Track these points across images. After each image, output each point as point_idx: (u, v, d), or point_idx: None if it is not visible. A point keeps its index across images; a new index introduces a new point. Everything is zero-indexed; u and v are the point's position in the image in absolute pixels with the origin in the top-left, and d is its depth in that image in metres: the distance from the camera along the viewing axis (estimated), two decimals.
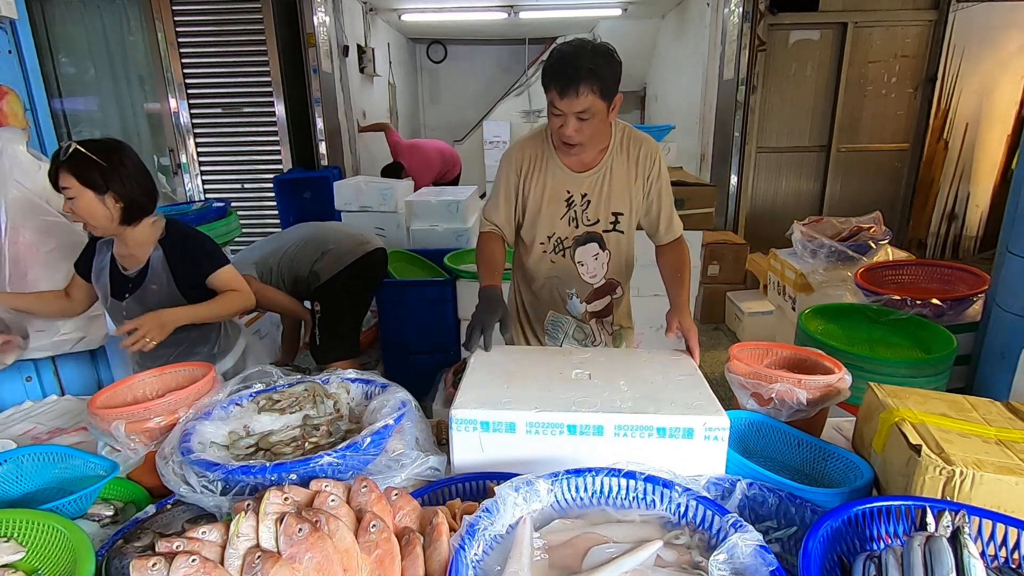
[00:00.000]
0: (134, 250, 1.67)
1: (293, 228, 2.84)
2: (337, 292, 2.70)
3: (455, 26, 7.62)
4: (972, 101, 4.84)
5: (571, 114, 1.41)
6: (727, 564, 0.75)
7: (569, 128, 1.43)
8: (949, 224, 5.19)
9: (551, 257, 1.68)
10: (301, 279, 2.66)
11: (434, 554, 0.82)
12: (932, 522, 0.85)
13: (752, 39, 4.67)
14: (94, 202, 1.53)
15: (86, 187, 1.51)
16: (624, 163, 1.60)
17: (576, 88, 1.37)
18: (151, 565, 0.77)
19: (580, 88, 1.37)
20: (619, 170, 1.60)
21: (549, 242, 1.66)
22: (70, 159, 1.49)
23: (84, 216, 1.54)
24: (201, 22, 4.41)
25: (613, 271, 1.70)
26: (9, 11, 1.82)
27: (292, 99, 4.67)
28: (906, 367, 1.79)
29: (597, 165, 1.59)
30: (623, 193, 1.61)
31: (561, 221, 1.63)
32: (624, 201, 1.62)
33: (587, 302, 1.72)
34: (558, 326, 1.77)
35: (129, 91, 4.62)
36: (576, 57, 1.37)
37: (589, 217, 1.62)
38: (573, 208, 1.62)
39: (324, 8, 4.85)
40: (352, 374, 1.31)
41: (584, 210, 1.62)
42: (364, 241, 2.79)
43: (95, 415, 1.20)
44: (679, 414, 1.04)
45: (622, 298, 1.77)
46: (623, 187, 1.61)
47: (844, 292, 2.69)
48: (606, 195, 1.60)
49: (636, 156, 1.60)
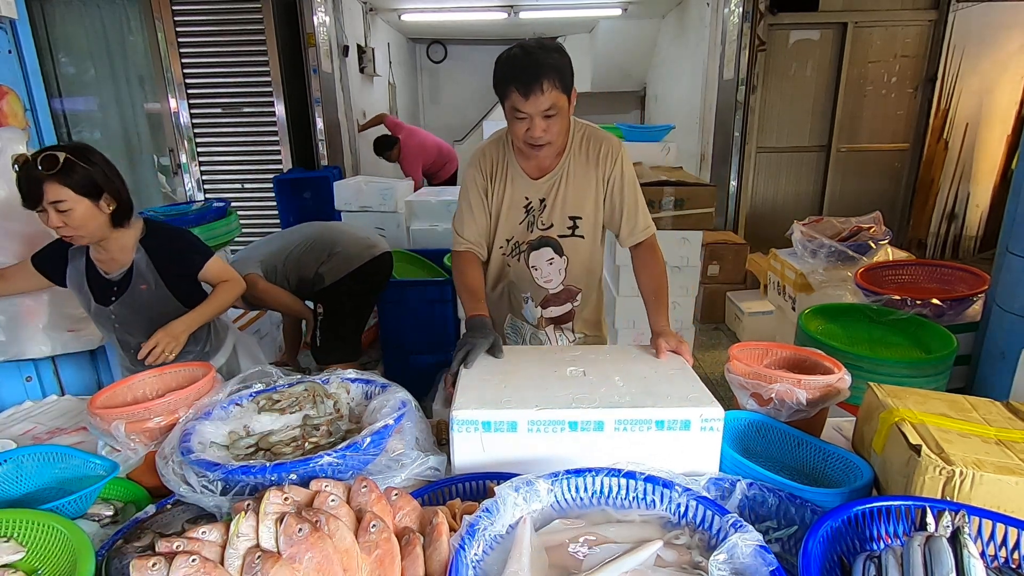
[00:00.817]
0: (116, 254, 1.62)
1: (299, 227, 2.81)
2: (341, 295, 2.69)
3: (455, 26, 7.62)
4: (972, 101, 4.84)
5: (537, 115, 1.37)
6: (727, 564, 0.75)
7: (537, 129, 1.39)
8: (949, 224, 5.19)
9: (507, 260, 1.65)
10: (306, 280, 2.65)
11: (434, 554, 0.82)
12: (932, 522, 0.85)
13: (752, 39, 4.68)
14: (91, 209, 1.46)
15: (82, 195, 1.43)
16: (583, 164, 1.55)
17: (540, 85, 1.33)
18: (151, 565, 0.77)
19: (544, 84, 1.33)
20: (577, 172, 1.55)
21: (508, 245, 1.63)
22: (62, 169, 1.39)
23: (78, 227, 1.44)
24: (201, 22, 4.41)
25: (572, 278, 1.64)
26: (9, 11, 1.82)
27: (292, 99, 4.67)
28: (906, 367, 1.79)
29: (554, 169, 1.55)
30: (581, 196, 1.56)
31: (520, 226, 1.60)
32: (582, 204, 1.57)
33: (542, 307, 1.68)
34: (516, 331, 1.75)
35: (129, 91, 4.62)
36: (530, 55, 1.35)
37: (544, 221, 1.58)
38: (531, 213, 1.59)
39: (324, 8, 4.85)
40: (352, 374, 1.31)
41: (540, 214, 1.58)
42: (371, 244, 2.76)
43: (95, 415, 1.20)
44: (676, 407, 1.06)
45: (586, 305, 1.71)
46: (581, 190, 1.55)
47: (844, 292, 2.69)
48: (562, 199, 1.56)
49: (596, 156, 1.54)
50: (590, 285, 1.69)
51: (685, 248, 3.09)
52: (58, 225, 1.44)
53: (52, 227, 1.46)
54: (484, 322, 1.42)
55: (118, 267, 1.63)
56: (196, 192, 4.77)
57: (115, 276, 1.64)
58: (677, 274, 3.20)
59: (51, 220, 1.43)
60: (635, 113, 8.78)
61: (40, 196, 1.40)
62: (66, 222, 1.43)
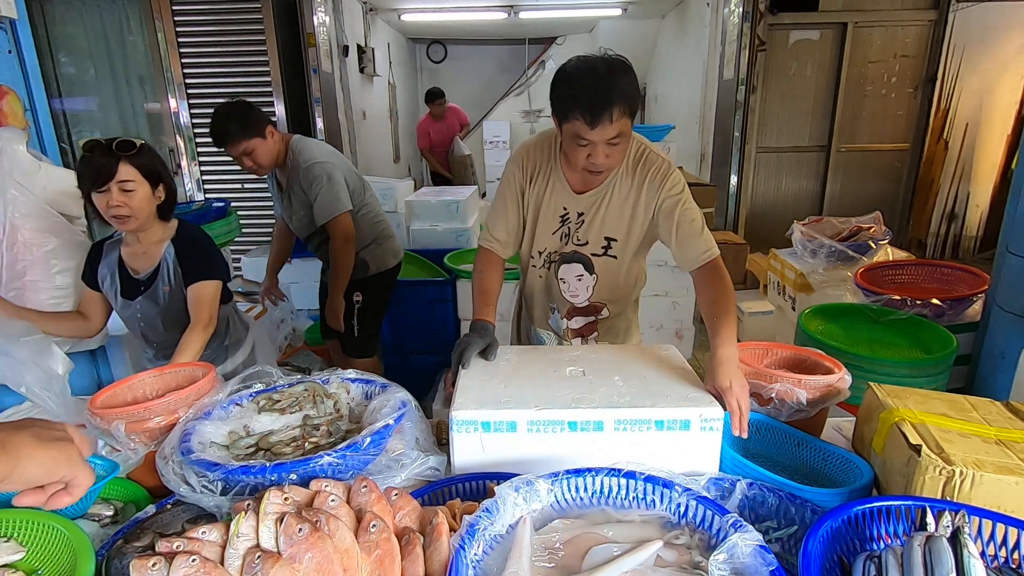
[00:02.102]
0: (148, 248, 1.68)
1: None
2: (383, 288, 2.66)
3: (455, 26, 7.62)
4: (972, 101, 4.84)
5: (602, 142, 1.30)
6: (727, 564, 0.75)
7: (599, 156, 1.32)
8: (949, 224, 5.19)
9: (540, 272, 1.64)
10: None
11: (434, 554, 0.82)
12: (932, 522, 0.85)
13: (752, 39, 4.68)
14: (148, 195, 1.58)
15: (146, 179, 1.56)
16: (629, 186, 1.49)
17: (610, 115, 1.25)
18: (151, 565, 0.77)
19: (614, 113, 1.25)
20: (620, 194, 1.49)
21: (540, 256, 1.61)
22: (139, 151, 1.54)
23: (136, 208, 1.55)
24: (201, 22, 4.40)
25: (600, 295, 1.62)
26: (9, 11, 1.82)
27: (292, 99, 4.67)
28: (906, 367, 1.79)
29: (599, 187, 1.49)
30: (620, 218, 1.51)
31: (553, 236, 1.57)
32: (620, 227, 1.52)
33: (567, 318, 1.67)
34: (541, 339, 1.75)
35: (129, 91, 4.62)
36: (600, 81, 1.25)
37: (580, 237, 1.55)
38: (567, 224, 1.55)
39: (324, 8, 4.85)
40: (352, 374, 1.31)
41: (577, 229, 1.55)
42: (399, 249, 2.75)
43: (95, 415, 1.19)
44: (676, 407, 1.06)
45: (610, 319, 1.68)
46: (621, 212, 1.50)
47: (844, 292, 2.69)
48: (601, 218, 1.51)
49: (644, 180, 1.47)
50: (619, 301, 1.66)
51: None
52: (118, 204, 1.53)
53: (111, 206, 1.53)
54: (485, 326, 1.39)
55: (148, 263, 1.69)
56: (196, 192, 4.77)
57: (142, 273, 1.69)
58: (677, 274, 3.20)
59: (113, 199, 1.53)
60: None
61: (112, 174, 1.51)
62: (126, 202, 1.54)
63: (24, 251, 1.77)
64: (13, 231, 1.75)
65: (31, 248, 1.78)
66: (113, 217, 1.56)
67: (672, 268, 3.16)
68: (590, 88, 1.26)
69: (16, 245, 1.76)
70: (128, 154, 1.52)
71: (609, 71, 1.27)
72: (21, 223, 1.76)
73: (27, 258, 1.78)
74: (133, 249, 1.69)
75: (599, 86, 1.25)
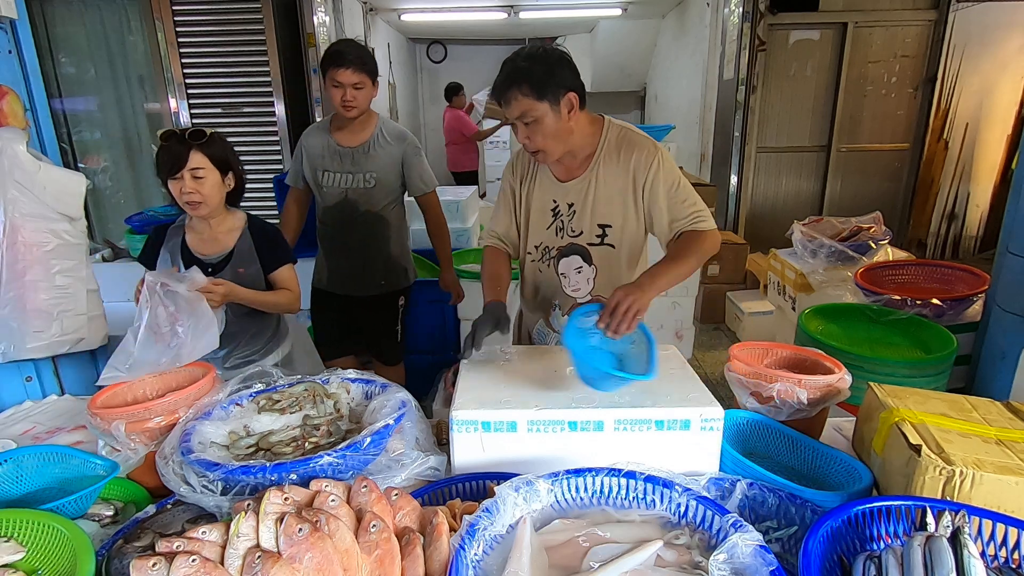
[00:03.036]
0: (218, 235, 1.73)
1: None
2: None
3: (455, 26, 7.62)
4: (972, 101, 4.84)
5: (517, 121, 1.39)
6: (727, 564, 0.75)
7: (520, 135, 1.41)
8: (949, 224, 5.19)
9: (539, 266, 1.64)
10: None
11: (434, 554, 0.82)
12: (932, 522, 0.85)
13: (752, 39, 4.68)
14: (219, 182, 1.64)
15: (216, 167, 1.62)
16: (614, 170, 1.48)
17: (506, 93, 1.36)
18: (151, 565, 0.77)
19: (509, 92, 1.35)
20: (607, 178, 1.48)
21: (537, 251, 1.63)
22: (209, 140, 1.60)
23: (207, 195, 1.60)
24: (201, 22, 4.40)
25: (601, 288, 1.57)
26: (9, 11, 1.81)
27: (292, 99, 4.66)
28: (906, 367, 1.79)
29: (583, 173, 1.50)
30: (612, 203, 1.49)
31: (548, 231, 1.58)
32: (613, 212, 1.50)
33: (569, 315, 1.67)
34: (544, 337, 1.74)
35: (129, 91, 4.62)
36: (511, 61, 1.36)
37: (574, 228, 1.55)
38: (560, 218, 1.56)
39: (324, 8, 4.85)
40: (352, 374, 1.31)
41: (570, 220, 1.55)
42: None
43: (95, 415, 1.20)
44: (676, 406, 1.06)
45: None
46: (612, 197, 1.49)
47: (844, 292, 2.69)
48: (592, 205, 1.50)
49: (629, 164, 1.46)
50: None
51: None
52: (191, 190, 1.59)
53: (184, 192, 1.59)
54: (499, 306, 1.45)
55: (218, 249, 1.73)
56: None
57: (212, 258, 1.72)
58: None
59: (185, 186, 1.59)
60: (635, 113, 8.78)
61: (184, 162, 1.57)
62: (198, 188, 1.59)
63: (24, 251, 1.77)
64: (13, 231, 1.75)
65: (31, 248, 1.78)
66: (186, 203, 1.62)
67: None
68: (502, 73, 1.37)
69: (16, 245, 1.76)
70: (199, 143, 1.58)
71: (518, 55, 1.37)
72: (21, 223, 1.76)
73: (27, 258, 1.78)
74: (202, 235, 1.73)
75: (503, 68, 1.37)
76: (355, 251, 2.39)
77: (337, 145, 2.28)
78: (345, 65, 2.09)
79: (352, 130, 2.27)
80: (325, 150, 2.29)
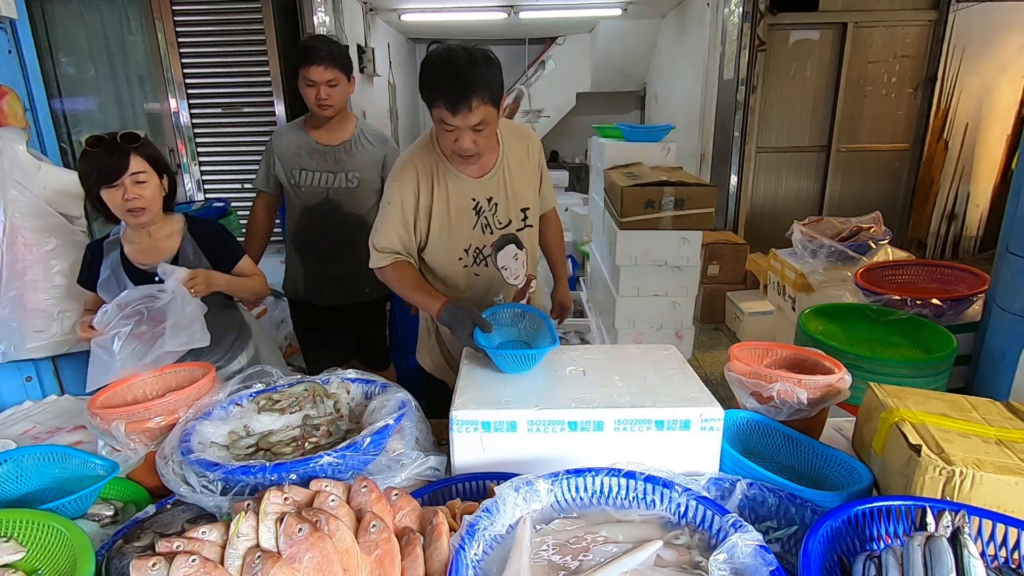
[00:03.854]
0: (159, 242, 1.65)
1: None
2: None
3: (455, 26, 7.61)
4: (972, 101, 4.84)
5: (466, 128, 1.36)
6: (727, 564, 0.75)
7: (466, 142, 1.38)
8: (949, 224, 5.19)
9: (474, 270, 1.61)
10: None
11: (434, 554, 0.82)
12: (932, 522, 0.85)
13: (752, 39, 4.68)
14: (159, 186, 1.57)
15: (155, 170, 1.56)
16: (519, 158, 1.60)
17: (469, 103, 1.31)
18: (151, 565, 0.77)
19: (473, 102, 1.31)
20: (515, 166, 1.59)
21: (468, 255, 1.59)
22: (143, 144, 1.54)
23: (150, 201, 1.54)
24: (201, 22, 4.40)
25: (530, 267, 1.70)
26: (9, 11, 1.81)
27: (292, 99, 4.66)
28: (906, 367, 1.79)
29: (494, 167, 1.56)
30: (525, 187, 1.62)
31: (474, 230, 1.57)
32: (528, 194, 1.64)
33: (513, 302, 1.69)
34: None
35: (129, 91, 4.62)
36: (460, 70, 1.30)
37: (500, 220, 1.58)
38: (483, 214, 1.57)
39: (324, 8, 4.85)
40: (352, 374, 1.31)
41: (493, 214, 1.57)
42: None
43: (95, 415, 1.19)
44: (676, 406, 1.06)
45: (536, 291, 1.77)
46: (523, 182, 1.62)
47: (844, 292, 2.69)
48: (511, 194, 1.59)
49: (526, 148, 1.63)
50: (535, 268, 1.77)
51: (685, 248, 3.09)
52: (133, 197, 1.51)
53: (126, 199, 1.51)
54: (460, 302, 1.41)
55: (160, 256, 1.63)
56: (196, 192, 4.76)
57: (154, 267, 1.63)
58: (677, 274, 3.20)
59: (128, 192, 1.50)
60: (635, 113, 8.79)
61: (125, 167, 1.49)
62: (141, 194, 1.52)
63: (24, 251, 1.77)
64: (13, 231, 1.75)
65: (31, 248, 1.78)
66: (128, 211, 1.53)
67: (672, 268, 3.16)
68: (449, 78, 1.32)
69: (16, 245, 1.76)
70: (136, 145, 1.52)
71: (468, 63, 1.32)
72: (21, 223, 1.76)
73: (27, 258, 1.78)
74: (140, 245, 1.64)
75: (458, 78, 1.31)
76: (337, 256, 2.21)
77: (316, 143, 2.15)
78: (317, 62, 2.00)
79: (330, 128, 2.16)
80: (302, 148, 2.14)
